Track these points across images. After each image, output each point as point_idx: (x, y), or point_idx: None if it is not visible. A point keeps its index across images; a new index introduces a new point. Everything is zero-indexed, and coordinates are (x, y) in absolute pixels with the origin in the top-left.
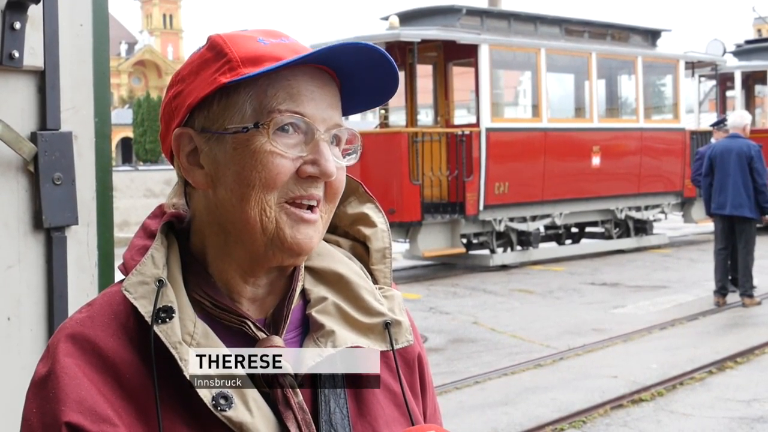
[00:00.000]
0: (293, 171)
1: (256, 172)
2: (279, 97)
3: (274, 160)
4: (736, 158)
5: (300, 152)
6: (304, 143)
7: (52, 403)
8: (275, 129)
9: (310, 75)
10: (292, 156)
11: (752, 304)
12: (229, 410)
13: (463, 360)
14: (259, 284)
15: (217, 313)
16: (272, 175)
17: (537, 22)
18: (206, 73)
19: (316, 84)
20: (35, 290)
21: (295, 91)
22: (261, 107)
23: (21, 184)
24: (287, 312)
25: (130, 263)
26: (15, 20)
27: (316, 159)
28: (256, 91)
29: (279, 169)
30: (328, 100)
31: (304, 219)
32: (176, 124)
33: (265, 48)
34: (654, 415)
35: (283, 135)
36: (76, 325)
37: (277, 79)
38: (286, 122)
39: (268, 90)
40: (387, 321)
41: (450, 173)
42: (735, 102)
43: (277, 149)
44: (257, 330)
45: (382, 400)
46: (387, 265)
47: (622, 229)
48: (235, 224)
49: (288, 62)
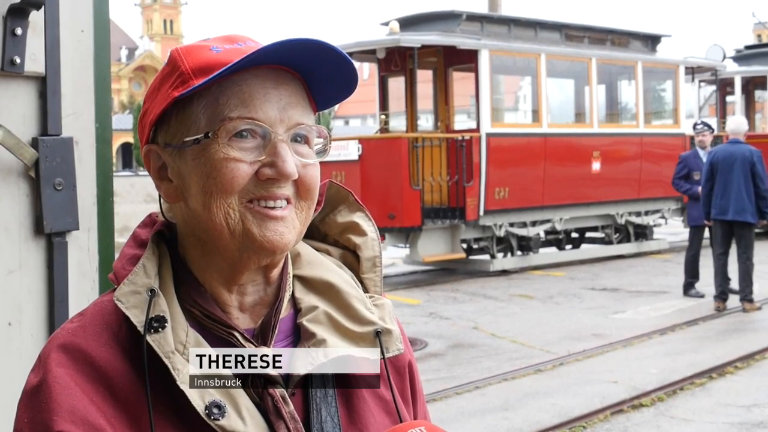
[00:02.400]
0: (251, 174)
1: (212, 180)
2: (230, 103)
3: (228, 165)
4: (739, 164)
5: (258, 156)
6: (263, 147)
7: (44, 412)
8: (231, 136)
9: (264, 77)
10: (249, 160)
11: (752, 309)
12: (222, 419)
13: (463, 365)
14: (244, 292)
15: (207, 322)
16: (227, 180)
17: (537, 28)
18: (164, 89)
19: (271, 85)
20: (36, 295)
21: (247, 96)
22: (214, 116)
23: (22, 190)
24: (275, 322)
25: (121, 273)
26: (16, 26)
27: (273, 161)
28: (208, 100)
29: (234, 173)
30: (286, 100)
31: (269, 215)
32: (144, 142)
33: (217, 56)
34: (654, 420)
35: (240, 140)
36: (68, 335)
37: (228, 85)
38: (240, 128)
39: (220, 98)
40: (377, 329)
41: (450, 178)
42: (735, 107)
43: (230, 155)
44: (245, 341)
45: (373, 408)
46: (377, 273)
47: (622, 235)
48: (207, 233)
49: (230, 67)
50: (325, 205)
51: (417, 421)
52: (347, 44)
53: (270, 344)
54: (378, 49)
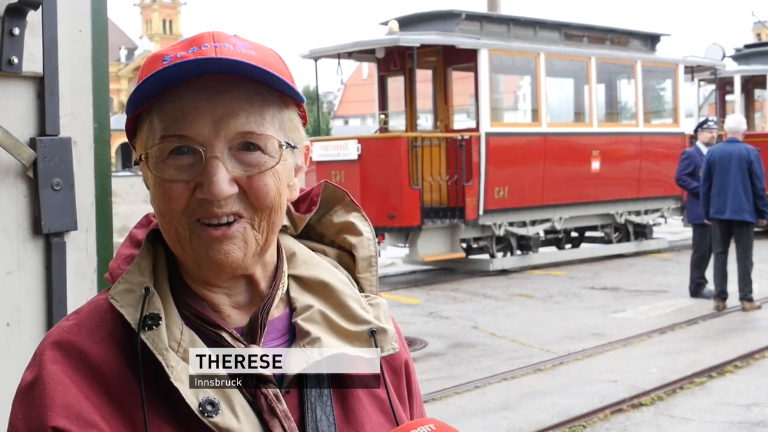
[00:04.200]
0: (187, 195)
1: (156, 199)
2: (164, 121)
3: (164, 186)
4: (736, 163)
5: (192, 173)
6: (198, 163)
7: (39, 408)
8: (167, 153)
9: (199, 89)
10: (186, 179)
11: (752, 309)
12: (216, 416)
13: (463, 365)
14: (231, 293)
15: (197, 323)
16: (165, 201)
17: (536, 27)
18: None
19: (205, 97)
20: (34, 296)
21: (179, 113)
22: (151, 134)
23: (20, 190)
24: (262, 320)
25: (116, 272)
26: (14, 26)
27: (202, 181)
28: (150, 118)
29: (170, 194)
30: (223, 110)
31: (211, 234)
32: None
33: (161, 70)
34: (654, 419)
35: (177, 158)
36: (63, 333)
37: (164, 102)
38: (172, 147)
39: (155, 116)
40: (372, 329)
41: (450, 178)
42: (734, 106)
43: (165, 176)
44: (233, 340)
45: (369, 407)
46: (373, 273)
47: (621, 234)
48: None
49: (138, 94)
50: (321, 205)
51: (426, 419)
52: (346, 44)
53: (259, 342)
54: (377, 48)
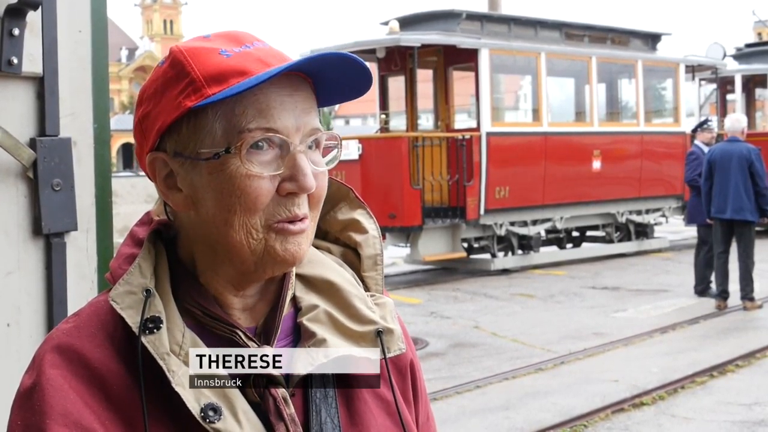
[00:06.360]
0: (273, 191)
1: (235, 197)
2: (248, 114)
3: (252, 184)
4: (736, 162)
5: (276, 169)
6: (280, 158)
7: (37, 415)
8: (247, 148)
9: (279, 84)
10: (269, 174)
11: (753, 308)
12: (218, 422)
13: (464, 364)
14: (248, 294)
15: (208, 321)
16: (252, 200)
17: (537, 27)
18: (170, 95)
19: (287, 92)
20: (35, 297)
21: (264, 106)
22: (231, 127)
23: (20, 191)
24: (278, 321)
25: (117, 272)
26: (14, 26)
27: (294, 175)
28: (223, 110)
29: (258, 192)
30: (301, 106)
31: (292, 231)
32: (148, 149)
33: (229, 62)
34: (655, 419)
35: (256, 153)
36: (63, 336)
37: (244, 94)
38: (258, 140)
39: (236, 108)
40: (379, 329)
41: (450, 178)
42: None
43: (252, 171)
44: (248, 340)
45: (374, 409)
46: (378, 272)
47: (623, 233)
48: (222, 245)
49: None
50: (326, 202)
51: None
52: (347, 44)
53: (273, 344)
54: (378, 48)
